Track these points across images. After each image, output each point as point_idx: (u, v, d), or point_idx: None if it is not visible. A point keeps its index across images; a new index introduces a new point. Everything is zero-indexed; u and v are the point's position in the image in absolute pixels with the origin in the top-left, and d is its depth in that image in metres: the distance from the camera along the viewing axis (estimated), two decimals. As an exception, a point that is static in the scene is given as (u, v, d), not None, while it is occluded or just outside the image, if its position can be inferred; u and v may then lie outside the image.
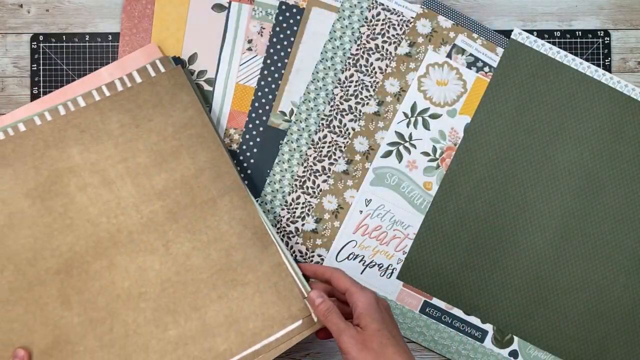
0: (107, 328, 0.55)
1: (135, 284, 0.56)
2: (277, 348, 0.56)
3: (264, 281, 0.57)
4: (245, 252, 0.58)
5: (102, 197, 0.58)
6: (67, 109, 0.60)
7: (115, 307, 0.56)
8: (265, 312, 0.56)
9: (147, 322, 0.55)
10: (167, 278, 0.57)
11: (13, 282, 0.55)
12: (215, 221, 0.58)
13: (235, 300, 0.57)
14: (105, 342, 0.55)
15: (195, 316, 0.56)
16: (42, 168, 0.57)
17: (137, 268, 0.56)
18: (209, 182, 0.59)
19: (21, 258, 0.56)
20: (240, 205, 0.59)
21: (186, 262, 0.57)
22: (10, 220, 0.56)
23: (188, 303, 0.56)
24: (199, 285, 0.57)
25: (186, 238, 0.58)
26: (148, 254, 0.57)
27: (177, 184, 0.59)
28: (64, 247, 0.56)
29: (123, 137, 0.59)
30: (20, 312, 0.55)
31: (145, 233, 0.57)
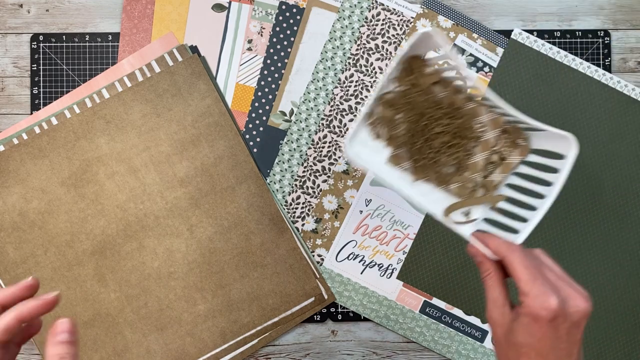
0: (142, 303, 0.62)
1: (164, 264, 0.62)
2: (293, 320, 0.63)
3: (280, 263, 0.63)
4: (263, 237, 0.63)
5: (129, 184, 0.62)
6: (93, 101, 0.63)
7: (148, 285, 0.62)
8: (283, 290, 0.63)
9: (178, 298, 0.62)
10: (193, 259, 0.62)
11: (55, 262, 0.62)
12: (235, 208, 0.63)
13: (256, 280, 0.63)
14: (142, 315, 0.62)
15: (221, 293, 0.62)
16: (74, 158, 0.62)
17: (165, 250, 0.62)
18: (228, 170, 0.63)
19: (61, 241, 0.62)
20: (257, 193, 0.63)
21: (210, 245, 0.63)
22: (50, 207, 0.62)
23: (214, 281, 0.62)
24: (223, 266, 0.63)
25: (208, 223, 0.63)
26: (174, 237, 0.62)
27: (198, 171, 0.62)
28: (97, 230, 0.62)
29: (145, 126, 0.63)
30: (63, 289, 0.61)
31: (171, 218, 0.62)
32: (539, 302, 0.40)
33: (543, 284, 0.41)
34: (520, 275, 0.42)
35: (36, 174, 0.62)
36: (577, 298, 0.41)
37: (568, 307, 0.40)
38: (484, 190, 0.54)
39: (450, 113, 0.52)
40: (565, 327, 0.40)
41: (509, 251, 0.44)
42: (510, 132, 0.53)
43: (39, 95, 0.64)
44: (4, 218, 0.61)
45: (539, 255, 0.45)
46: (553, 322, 0.40)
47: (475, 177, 0.54)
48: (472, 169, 0.54)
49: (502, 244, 0.45)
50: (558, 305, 0.40)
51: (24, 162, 0.62)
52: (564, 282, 0.42)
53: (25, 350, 0.63)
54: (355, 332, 0.64)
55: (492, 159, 0.54)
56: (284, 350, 0.64)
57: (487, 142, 0.53)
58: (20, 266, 0.61)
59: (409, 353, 0.64)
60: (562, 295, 0.41)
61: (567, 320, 0.40)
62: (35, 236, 0.61)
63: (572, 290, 0.41)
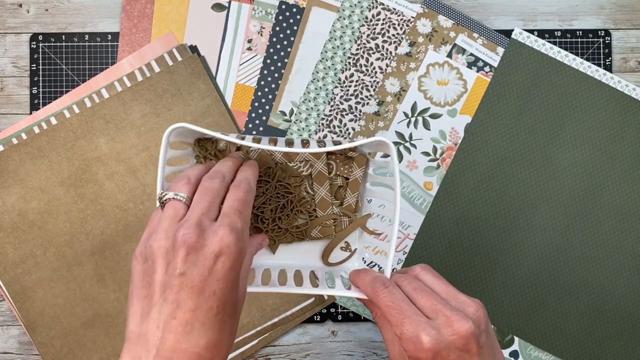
0: None
1: None
2: (293, 321, 0.63)
3: None
4: None
5: (129, 184, 0.62)
6: (92, 101, 0.63)
7: None
8: None
9: None
10: None
11: (54, 262, 0.61)
12: None
13: None
14: None
15: None
16: (74, 158, 0.62)
17: None
18: None
19: (60, 241, 0.61)
20: None
21: None
22: (49, 207, 0.62)
23: None
24: None
25: None
26: None
27: None
28: (97, 230, 0.62)
29: (145, 126, 0.63)
30: (62, 289, 0.61)
31: None
32: (413, 345, 0.38)
33: (412, 322, 0.38)
34: (388, 318, 0.40)
35: (35, 174, 0.62)
36: (455, 322, 0.38)
37: (445, 337, 0.38)
38: (348, 219, 0.52)
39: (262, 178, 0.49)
40: (454, 357, 0.38)
41: (373, 294, 0.41)
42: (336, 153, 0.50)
43: (39, 95, 0.64)
44: (3, 218, 0.61)
45: (419, 275, 0.43)
46: (437, 359, 0.38)
47: (331, 211, 0.51)
48: (321, 207, 0.51)
49: (367, 284, 0.42)
50: (432, 342, 0.37)
51: (23, 162, 0.61)
52: (442, 304, 0.40)
53: (25, 350, 0.63)
54: (355, 332, 0.64)
55: (337, 184, 0.51)
56: (284, 351, 0.64)
57: (321, 174, 0.51)
58: (19, 266, 0.61)
59: (409, 353, 0.64)
60: (437, 326, 0.38)
61: (451, 349, 0.38)
62: (34, 236, 0.61)
63: (449, 313, 0.39)
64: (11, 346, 0.63)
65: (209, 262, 0.36)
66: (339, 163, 0.51)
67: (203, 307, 0.36)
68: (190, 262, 0.36)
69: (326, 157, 0.51)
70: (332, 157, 0.51)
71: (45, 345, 0.61)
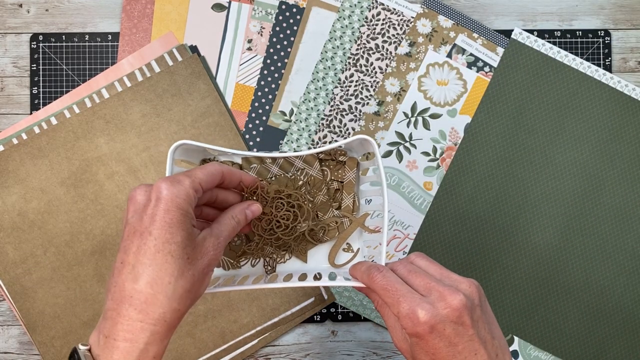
0: None
1: None
2: (293, 321, 0.63)
3: None
4: None
5: (129, 184, 0.62)
6: (92, 101, 0.63)
7: None
8: (282, 290, 0.63)
9: None
10: None
11: (55, 262, 0.61)
12: None
13: None
14: None
15: (221, 294, 0.62)
16: (74, 158, 0.62)
17: None
18: None
19: (60, 241, 0.62)
20: None
21: None
22: (49, 207, 0.62)
23: None
24: None
25: None
26: None
27: None
28: (97, 230, 0.62)
29: (145, 126, 0.63)
30: (62, 289, 0.61)
31: None
32: (410, 321, 0.39)
33: (407, 299, 0.40)
34: (385, 300, 0.41)
35: (36, 174, 0.62)
36: (447, 295, 0.39)
37: (439, 310, 0.39)
38: (348, 219, 0.53)
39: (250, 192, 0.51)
40: (450, 330, 0.39)
41: (369, 280, 0.43)
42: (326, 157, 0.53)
43: (39, 95, 0.64)
44: (4, 218, 0.61)
45: (414, 260, 0.44)
46: (434, 333, 0.39)
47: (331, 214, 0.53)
48: (322, 210, 0.53)
49: (363, 272, 0.44)
50: (427, 315, 0.39)
51: (23, 162, 0.62)
52: (436, 281, 0.41)
53: (24, 350, 0.63)
54: (355, 332, 0.64)
55: (333, 188, 0.54)
56: (284, 351, 0.64)
57: (316, 179, 0.53)
58: (19, 266, 0.61)
59: (409, 353, 0.64)
60: (431, 301, 0.39)
61: (446, 322, 0.39)
62: (34, 236, 0.61)
63: (442, 288, 0.40)
64: (11, 346, 0.63)
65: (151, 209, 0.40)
66: (332, 169, 0.53)
67: (142, 248, 0.39)
68: (135, 212, 0.40)
69: (319, 164, 0.52)
70: (325, 163, 0.54)
71: (46, 345, 0.61)
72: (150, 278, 0.38)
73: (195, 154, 0.51)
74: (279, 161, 0.52)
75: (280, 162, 0.53)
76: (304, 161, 0.53)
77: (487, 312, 0.42)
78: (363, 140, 0.47)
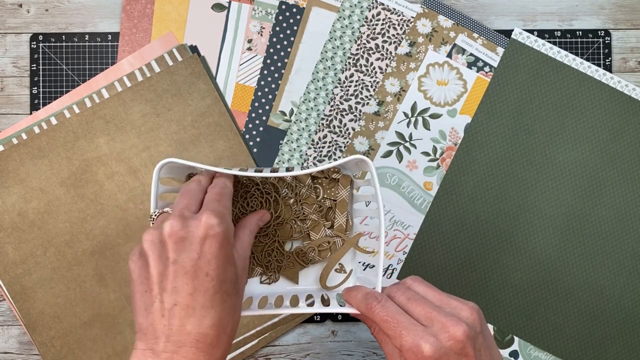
0: None
1: None
2: (293, 321, 0.63)
3: None
4: None
5: (129, 184, 0.62)
6: (92, 101, 0.63)
7: None
8: None
9: None
10: None
11: (54, 262, 0.61)
12: None
13: None
14: None
15: None
16: (74, 158, 0.62)
17: None
18: None
19: (60, 241, 0.61)
20: None
21: None
22: (49, 207, 0.62)
23: None
24: None
25: None
26: None
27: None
28: (97, 230, 0.62)
29: (145, 126, 0.62)
30: (62, 289, 0.61)
31: None
32: (414, 355, 0.38)
33: (410, 332, 0.39)
34: (386, 332, 0.41)
35: (35, 174, 0.62)
36: (450, 327, 0.39)
37: (443, 343, 0.38)
38: (341, 240, 0.53)
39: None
40: None
41: (367, 310, 0.42)
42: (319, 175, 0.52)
43: (39, 95, 0.64)
44: (4, 218, 0.61)
45: (411, 286, 0.44)
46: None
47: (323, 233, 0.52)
48: (314, 230, 0.52)
49: (360, 301, 0.43)
50: (432, 349, 0.38)
51: (23, 162, 0.62)
52: (436, 311, 0.40)
53: (25, 350, 0.63)
54: (355, 332, 0.64)
55: (325, 206, 0.52)
56: (284, 351, 0.64)
57: (309, 198, 0.52)
58: (19, 266, 0.61)
59: (409, 353, 0.64)
60: (434, 332, 0.39)
61: (450, 354, 0.38)
62: (34, 236, 0.61)
63: (444, 319, 0.39)
64: (11, 346, 0.63)
65: (197, 246, 0.39)
66: (325, 186, 0.52)
67: (200, 289, 0.38)
68: (180, 250, 0.38)
69: (312, 182, 0.52)
70: (317, 181, 0.52)
71: (45, 345, 0.61)
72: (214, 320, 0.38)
73: (180, 170, 0.50)
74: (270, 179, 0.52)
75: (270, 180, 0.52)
76: (295, 179, 0.52)
77: (488, 337, 0.41)
78: (359, 160, 0.46)
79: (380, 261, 0.46)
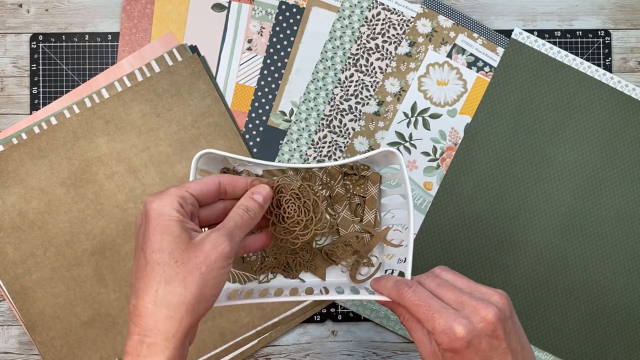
0: None
1: None
2: (293, 321, 0.63)
3: None
4: None
5: (129, 184, 0.62)
6: (92, 101, 0.63)
7: None
8: None
9: None
10: None
11: (54, 262, 0.61)
12: None
13: None
14: None
15: None
16: (74, 158, 0.62)
17: None
18: None
19: (60, 241, 0.62)
20: None
21: None
22: (49, 207, 0.62)
23: None
24: None
25: None
26: None
27: None
28: (97, 230, 0.62)
29: (145, 126, 0.63)
30: (62, 289, 0.61)
31: None
32: (447, 337, 0.39)
33: (442, 315, 0.40)
34: (418, 316, 0.41)
35: (35, 174, 0.62)
36: (480, 309, 0.40)
37: (475, 325, 0.39)
38: (368, 234, 0.53)
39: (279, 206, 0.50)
40: (485, 344, 0.39)
41: (398, 296, 0.42)
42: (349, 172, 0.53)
43: (39, 95, 0.64)
44: (4, 218, 0.61)
45: (440, 274, 0.44)
46: (470, 347, 0.39)
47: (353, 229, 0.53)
48: (343, 226, 0.53)
49: (391, 288, 0.44)
50: (465, 330, 0.39)
51: (23, 162, 0.62)
52: (467, 295, 0.41)
53: (25, 350, 0.63)
54: (355, 332, 0.64)
55: (355, 203, 0.53)
56: (284, 351, 0.64)
57: (340, 194, 0.53)
58: (19, 266, 0.61)
59: (409, 353, 0.64)
60: (466, 315, 0.40)
61: (482, 336, 0.39)
62: (34, 236, 0.61)
63: (474, 302, 0.40)
64: (11, 346, 0.63)
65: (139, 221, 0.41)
66: (355, 183, 0.53)
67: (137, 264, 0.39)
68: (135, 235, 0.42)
69: (342, 179, 0.52)
70: (347, 178, 0.54)
71: (45, 345, 0.61)
72: (140, 291, 0.38)
73: (215, 163, 0.50)
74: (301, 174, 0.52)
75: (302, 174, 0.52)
76: (327, 174, 0.53)
77: (516, 323, 0.42)
78: (388, 152, 0.46)
79: (409, 251, 0.47)
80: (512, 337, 0.41)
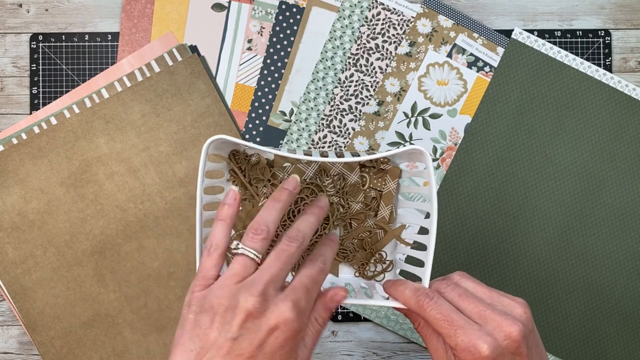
0: (142, 303, 0.62)
1: (164, 265, 0.62)
2: None
3: None
4: None
5: (129, 184, 0.62)
6: (92, 101, 0.63)
7: (147, 285, 0.62)
8: None
9: (178, 299, 0.62)
10: (193, 259, 0.62)
11: (54, 262, 0.61)
12: None
13: None
14: (142, 315, 0.62)
15: None
16: (74, 158, 0.62)
17: (165, 250, 0.62)
18: None
19: (60, 241, 0.62)
20: None
21: None
22: (49, 207, 0.62)
23: None
24: None
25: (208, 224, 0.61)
26: (174, 237, 0.62)
27: (197, 171, 0.62)
28: (97, 230, 0.62)
29: (145, 126, 0.62)
30: (62, 289, 0.61)
31: (170, 218, 0.62)
32: (470, 355, 0.38)
33: (465, 331, 0.38)
34: (439, 330, 0.40)
35: (35, 174, 0.62)
36: (504, 326, 0.38)
37: (500, 342, 0.38)
38: (382, 231, 0.51)
39: None
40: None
41: (418, 307, 0.41)
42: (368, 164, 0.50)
43: (39, 95, 0.64)
44: (3, 218, 0.61)
45: (459, 282, 0.43)
46: None
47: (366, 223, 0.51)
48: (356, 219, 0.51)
49: (409, 297, 0.42)
50: (490, 349, 0.37)
51: (23, 162, 0.61)
52: (490, 308, 0.40)
53: (25, 350, 0.63)
54: (355, 332, 0.64)
55: (370, 196, 0.51)
56: (284, 351, 0.64)
57: (355, 187, 0.50)
58: (19, 266, 0.61)
59: (409, 354, 0.64)
60: (490, 331, 0.38)
61: (505, 354, 0.38)
62: (34, 236, 0.61)
63: (499, 318, 0.39)
64: (11, 346, 0.63)
65: (263, 333, 0.36)
66: (373, 176, 0.51)
67: None
68: (245, 329, 0.36)
69: (359, 170, 0.51)
70: (365, 169, 0.51)
71: (45, 345, 0.61)
72: None
73: (225, 146, 0.49)
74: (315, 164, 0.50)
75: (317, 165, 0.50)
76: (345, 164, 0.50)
77: (537, 335, 0.41)
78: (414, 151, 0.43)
79: (429, 256, 0.44)
80: (533, 352, 0.40)
